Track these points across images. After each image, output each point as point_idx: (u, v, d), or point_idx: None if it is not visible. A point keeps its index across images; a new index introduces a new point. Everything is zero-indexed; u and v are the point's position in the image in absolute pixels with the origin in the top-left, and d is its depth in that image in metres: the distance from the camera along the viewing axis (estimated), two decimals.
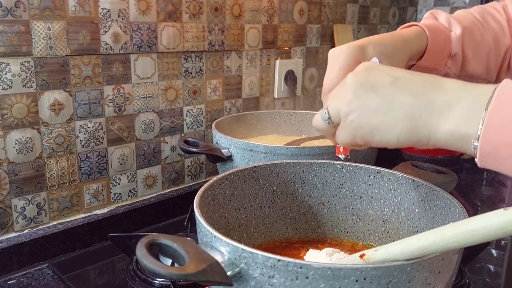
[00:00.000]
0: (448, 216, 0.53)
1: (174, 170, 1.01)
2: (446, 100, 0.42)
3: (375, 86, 0.45)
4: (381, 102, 0.44)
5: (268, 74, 1.18)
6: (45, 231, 0.78)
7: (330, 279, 0.38)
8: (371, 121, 0.45)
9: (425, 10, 1.67)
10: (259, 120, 1.07)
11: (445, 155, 1.31)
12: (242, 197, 0.62)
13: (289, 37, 1.21)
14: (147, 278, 0.68)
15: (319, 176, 0.66)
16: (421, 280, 0.40)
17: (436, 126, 0.42)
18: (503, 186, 1.21)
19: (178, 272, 0.37)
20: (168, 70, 0.95)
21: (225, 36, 1.04)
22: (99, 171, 0.87)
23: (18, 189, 0.77)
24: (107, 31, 0.84)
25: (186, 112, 1.00)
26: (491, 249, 0.84)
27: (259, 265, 0.40)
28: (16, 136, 0.75)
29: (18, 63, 0.74)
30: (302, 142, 0.94)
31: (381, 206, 0.64)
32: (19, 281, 0.72)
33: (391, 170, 0.63)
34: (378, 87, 0.45)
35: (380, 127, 0.45)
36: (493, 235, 0.34)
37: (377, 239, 0.65)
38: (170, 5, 0.92)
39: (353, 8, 1.39)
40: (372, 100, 0.45)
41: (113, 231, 0.83)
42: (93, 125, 0.85)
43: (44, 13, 0.75)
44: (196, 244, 0.42)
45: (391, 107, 0.44)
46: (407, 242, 0.40)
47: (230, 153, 0.81)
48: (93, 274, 0.76)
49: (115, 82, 0.87)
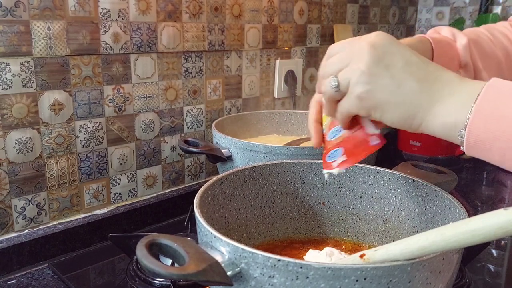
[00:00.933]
0: (448, 216, 0.53)
1: (174, 170, 1.01)
2: (444, 92, 0.45)
3: (388, 66, 0.47)
4: (391, 83, 0.47)
5: (268, 74, 1.18)
6: (45, 231, 0.78)
7: (330, 279, 0.38)
8: (378, 98, 0.47)
9: (425, 10, 1.67)
10: (259, 120, 1.07)
11: (445, 155, 1.31)
12: (242, 197, 0.62)
13: (289, 37, 1.21)
14: (147, 278, 0.68)
15: (319, 176, 0.66)
16: (421, 279, 0.40)
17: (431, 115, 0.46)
18: (503, 186, 1.21)
19: (178, 272, 0.37)
20: (168, 70, 0.95)
21: (225, 36, 1.04)
22: (99, 171, 0.87)
23: (18, 189, 0.77)
24: (107, 31, 0.84)
25: (186, 112, 1.00)
26: (491, 249, 0.84)
27: (259, 265, 0.40)
28: (16, 136, 0.75)
29: (18, 63, 0.74)
30: (302, 142, 0.94)
31: (381, 205, 0.64)
32: (19, 281, 0.72)
33: (391, 170, 0.63)
34: (391, 68, 0.47)
35: (384, 106, 0.47)
36: (493, 235, 0.35)
37: (377, 238, 0.65)
38: (170, 5, 0.92)
39: (353, 8, 1.39)
40: (383, 79, 0.47)
41: (113, 231, 0.82)
42: (93, 125, 0.85)
43: (44, 13, 0.75)
44: (196, 244, 0.42)
45: (399, 90, 0.46)
46: (407, 242, 0.40)
47: (230, 153, 0.81)
48: (93, 274, 0.76)
49: (115, 82, 0.87)
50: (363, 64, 0.47)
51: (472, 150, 0.44)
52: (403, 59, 0.47)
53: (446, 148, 1.31)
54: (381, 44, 0.48)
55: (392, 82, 0.46)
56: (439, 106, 0.45)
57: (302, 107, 1.29)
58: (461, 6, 1.58)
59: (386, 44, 0.48)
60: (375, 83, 0.47)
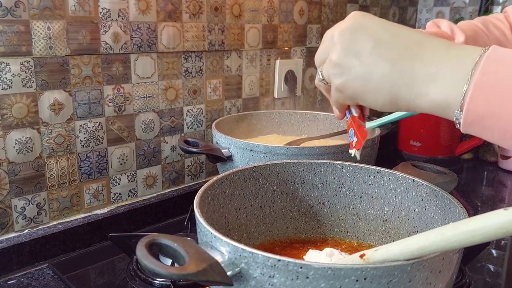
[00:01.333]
0: (448, 216, 0.53)
1: (174, 170, 1.01)
2: (427, 72, 0.42)
3: (357, 53, 0.46)
4: (362, 71, 0.46)
5: (268, 74, 1.18)
6: (45, 231, 0.78)
7: (330, 278, 0.38)
8: (355, 87, 0.47)
9: (425, 10, 1.67)
10: (259, 120, 1.07)
11: (445, 155, 1.31)
12: (242, 197, 0.62)
13: (289, 37, 1.21)
14: (147, 278, 0.68)
15: (319, 176, 0.66)
16: (421, 279, 0.40)
17: (418, 97, 0.43)
18: (503, 186, 1.21)
19: (178, 272, 0.37)
20: (168, 70, 0.95)
21: (225, 36, 1.04)
22: (99, 171, 0.87)
23: (18, 189, 0.77)
24: (107, 31, 0.84)
25: (186, 112, 1.00)
26: (491, 249, 0.84)
27: (259, 265, 0.40)
28: (16, 136, 0.75)
29: (18, 63, 0.74)
30: (302, 142, 0.94)
31: (381, 205, 0.64)
32: (19, 281, 0.72)
33: (391, 170, 0.63)
34: (360, 54, 0.46)
35: (363, 95, 0.47)
36: (493, 235, 0.34)
37: (377, 238, 0.65)
38: (170, 4, 0.92)
39: (353, 8, 1.39)
40: (354, 67, 0.46)
41: (113, 231, 0.82)
42: (93, 125, 0.85)
43: (44, 13, 0.75)
44: (196, 244, 0.42)
45: (372, 77, 0.45)
46: (407, 242, 0.40)
47: (230, 153, 0.81)
48: (93, 274, 0.76)
49: (115, 82, 0.87)
50: (335, 55, 0.48)
51: (469, 128, 0.41)
52: (372, 40, 0.45)
53: (446, 148, 1.31)
54: (350, 30, 0.47)
55: (364, 69, 0.45)
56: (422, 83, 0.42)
57: (302, 107, 1.29)
58: (461, 6, 1.58)
59: (356, 27, 0.47)
60: (348, 74, 0.47)
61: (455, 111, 0.41)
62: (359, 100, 0.48)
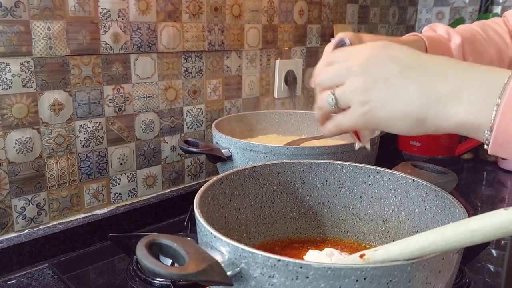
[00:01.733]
0: (448, 216, 0.53)
1: (174, 170, 1.01)
2: (452, 90, 0.42)
3: (385, 78, 0.46)
4: (391, 96, 0.45)
5: (268, 74, 1.18)
6: (45, 231, 0.78)
7: (330, 278, 0.38)
8: (384, 114, 0.46)
9: (425, 10, 1.67)
10: (259, 120, 1.07)
11: (445, 155, 1.31)
12: (242, 197, 0.62)
13: (289, 37, 1.21)
14: (147, 278, 0.68)
15: (319, 176, 0.66)
16: (421, 279, 0.40)
17: (445, 117, 0.43)
18: (503, 186, 1.21)
19: (178, 272, 0.37)
20: (168, 70, 0.95)
21: (225, 36, 1.04)
22: (99, 171, 0.87)
23: (18, 189, 0.77)
24: (107, 31, 0.84)
25: (186, 112, 1.00)
26: (491, 249, 0.84)
27: (259, 265, 0.40)
28: (16, 136, 0.75)
29: (18, 63, 0.74)
30: (302, 142, 0.94)
31: (381, 205, 0.64)
32: (19, 281, 0.72)
33: (391, 170, 0.63)
34: (388, 79, 0.46)
35: (388, 120, 0.46)
36: (493, 235, 0.34)
37: (377, 238, 0.65)
38: (170, 5, 0.92)
39: (353, 8, 1.39)
40: (381, 93, 0.46)
41: (113, 231, 0.83)
42: (93, 125, 0.85)
43: (44, 13, 0.75)
44: (196, 244, 0.42)
45: (400, 101, 0.45)
46: (407, 242, 0.40)
47: (230, 153, 0.81)
48: (93, 274, 0.76)
49: (115, 82, 0.87)
50: (360, 81, 0.47)
51: (499, 149, 0.40)
52: (398, 67, 0.46)
53: (446, 148, 1.31)
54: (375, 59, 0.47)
55: (391, 94, 0.45)
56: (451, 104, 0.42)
57: (302, 107, 1.29)
58: (461, 6, 1.58)
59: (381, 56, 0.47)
60: (377, 100, 0.46)
61: (485, 131, 0.40)
62: (381, 126, 0.47)
